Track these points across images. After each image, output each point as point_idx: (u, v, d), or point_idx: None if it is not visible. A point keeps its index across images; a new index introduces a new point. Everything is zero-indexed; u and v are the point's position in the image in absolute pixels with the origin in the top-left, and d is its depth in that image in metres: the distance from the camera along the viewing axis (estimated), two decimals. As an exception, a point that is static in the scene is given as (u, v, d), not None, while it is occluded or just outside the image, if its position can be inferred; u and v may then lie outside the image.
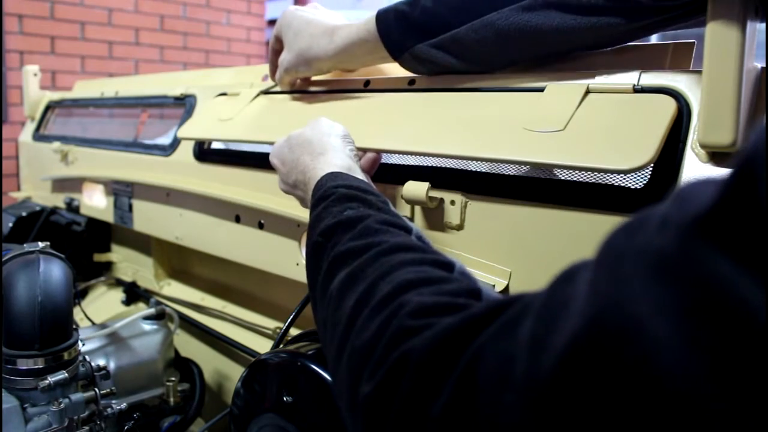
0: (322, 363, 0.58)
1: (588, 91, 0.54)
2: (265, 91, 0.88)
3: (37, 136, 1.56)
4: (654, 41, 0.63)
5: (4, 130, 2.65)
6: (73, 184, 1.35)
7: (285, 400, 0.60)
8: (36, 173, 1.54)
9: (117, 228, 1.35)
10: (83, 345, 0.82)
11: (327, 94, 0.79)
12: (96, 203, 1.27)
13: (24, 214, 1.37)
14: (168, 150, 1.07)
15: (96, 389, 0.78)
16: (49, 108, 1.59)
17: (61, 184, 1.41)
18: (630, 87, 0.52)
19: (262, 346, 0.94)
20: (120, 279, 1.32)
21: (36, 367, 0.73)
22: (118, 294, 1.29)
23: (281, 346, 0.72)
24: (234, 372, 1.02)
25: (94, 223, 1.33)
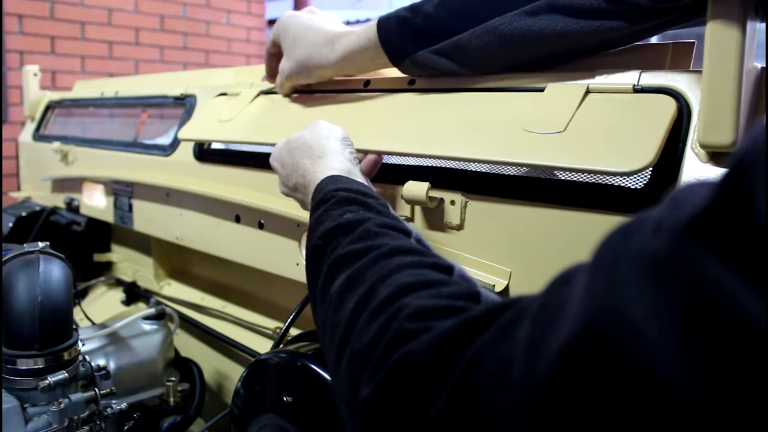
0: (322, 363, 0.58)
1: (588, 91, 0.54)
2: (266, 92, 0.88)
3: (37, 136, 1.56)
4: (654, 41, 0.63)
5: (4, 130, 2.65)
6: (73, 184, 1.35)
7: (285, 400, 0.60)
8: (36, 173, 1.54)
9: (117, 228, 1.35)
10: (83, 345, 0.82)
11: (327, 94, 0.79)
12: (96, 203, 1.27)
13: (24, 214, 1.37)
14: (168, 150, 1.07)
15: (96, 389, 0.78)
16: (49, 108, 1.59)
17: (61, 184, 1.41)
18: (630, 87, 0.52)
19: (262, 346, 0.94)
20: (120, 279, 1.32)
21: (36, 367, 0.73)
22: (118, 294, 1.29)
23: (281, 346, 0.72)
24: (234, 372, 1.02)
25: (94, 223, 1.33)
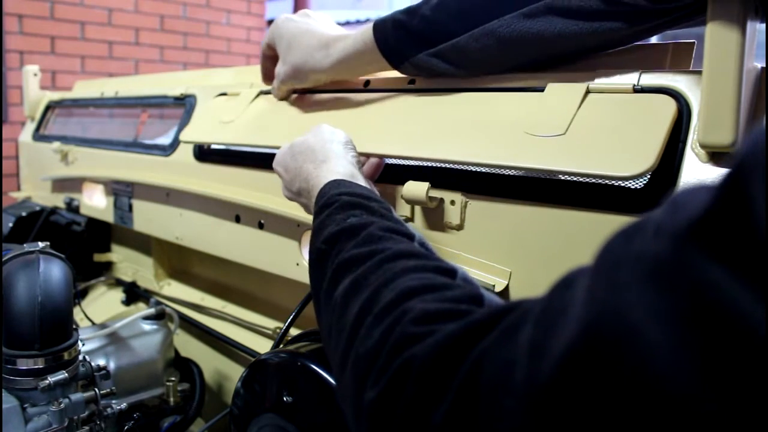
0: (322, 363, 0.58)
1: (588, 91, 0.54)
2: (266, 92, 0.88)
3: (37, 136, 1.56)
4: (654, 41, 0.63)
5: (4, 130, 2.65)
6: (73, 184, 1.35)
7: (285, 400, 0.60)
8: (36, 173, 1.54)
9: (117, 228, 1.35)
10: (83, 345, 0.82)
11: (327, 95, 0.79)
12: (96, 203, 1.27)
13: (24, 214, 1.37)
14: (168, 150, 1.07)
15: (96, 389, 0.78)
16: (49, 108, 1.59)
17: (61, 184, 1.41)
18: (630, 87, 0.52)
19: (262, 346, 0.94)
20: (120, 279, 1.32)
21: (36, 367, 0.73)
22: (118, 294, 1.29)
23: (281, 346, 0.72)
24: (234, 372, 1.02)
25: (94, 223, 1.33)
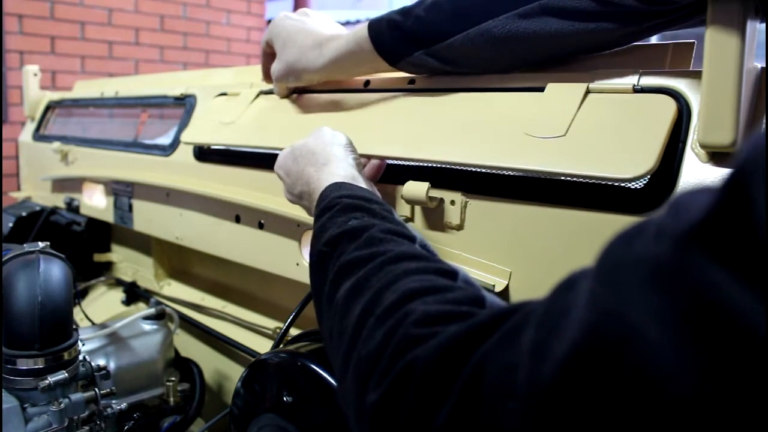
0: (322, 363, 0.58)
1: (588, 91, 0.54)
2: (266, 92, 0.88)
3: (37, 136, 1.56)
4: (654, 41, 0.63)
5: (4, 130, 2.65)
6: (73, 184, 1.35)
7: (285, 400, 0.60)
8: (36, 173, 1.54)
9: (117, 228, 1.35)
10: (83, 345, 0.82)
11: (327, 95, 0.79)
12: (96, 203, 1.27)
13: (24, 214, 1.37)
14: (168, 150, 1.07)
15: (96, 389, 0.78)
16: (49, 108, 1.59)
17: (61, 184, 1.41)
18: (630, 87, 0.52)
19: (262, 346, 0.94)
20: (120, 279, 1.32)
21: (36, 367, 0.73)
22: (118, 294, 1.29)
23: (281, 346, 0.72)
24: (234, 372, 1.02)
25: (94, 223, 1.33)
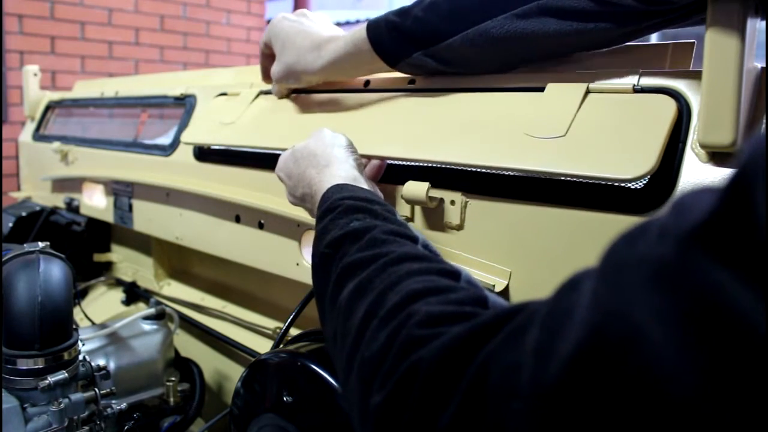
0: (322, 363, 0.58)
1: (588, 91, 0.54)
2: (266, 92, 0.88)
3: (37, 136, 1.56)
4: (654, 41, 0.63)
5: (4, 130, 2.65)
6: (73, 184, 1.35)
7: (285, 400, 0.60)
8: (36, 173, 1.54)
9: (117, 228, 1.35)
10: (83, 345, 0.82)
11: (327, 95, 0.79)
12: (96, 203, 1.27)
13: (24, 214, 1.37)
14: (168, 150, 1.07)
15: (96, 389, 0.78)
16: (49, 108, 1.59)
17: (61, 184, 1.41)
18: (630, 87, 0.52)
19: (262, 346, 0.94)
20: (120, 279, 1.32)
21: (36, 367, 0.73)
22: (118, 294, 1.29)
23: (281, 346, 0.72)
24: (234, 372, 1.02)
25: (94, 223, 1.33)
